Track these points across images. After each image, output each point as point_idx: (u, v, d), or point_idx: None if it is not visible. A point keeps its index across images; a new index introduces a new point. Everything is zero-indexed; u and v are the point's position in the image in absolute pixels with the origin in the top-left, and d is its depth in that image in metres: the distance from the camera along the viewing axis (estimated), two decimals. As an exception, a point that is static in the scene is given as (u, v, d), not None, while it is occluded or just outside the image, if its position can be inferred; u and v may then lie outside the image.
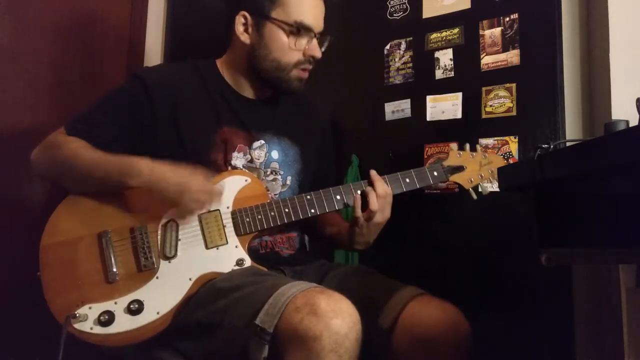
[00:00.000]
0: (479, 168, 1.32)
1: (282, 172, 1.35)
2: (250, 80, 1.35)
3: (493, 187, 1.33)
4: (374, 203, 1.22)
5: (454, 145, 1.34)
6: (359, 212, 1.23)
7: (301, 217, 1.24)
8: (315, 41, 1.29)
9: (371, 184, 1.24)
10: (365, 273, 1.32)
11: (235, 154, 1.29)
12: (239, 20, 1.29)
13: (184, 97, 1.29)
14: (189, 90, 1.31)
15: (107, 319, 1.12)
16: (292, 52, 1.28)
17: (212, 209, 1.22)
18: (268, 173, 1.33)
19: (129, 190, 1.18)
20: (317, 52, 1.30)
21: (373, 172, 1.26)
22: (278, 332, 0.95)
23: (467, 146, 1.34)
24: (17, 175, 1.71)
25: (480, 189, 1.31)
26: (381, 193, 1.23)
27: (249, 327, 0.99)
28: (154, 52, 2.25)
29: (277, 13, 1.26)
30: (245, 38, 1.29)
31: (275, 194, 1.33)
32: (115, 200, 1.21)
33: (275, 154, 1.35)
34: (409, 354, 1.12)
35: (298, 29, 1.26)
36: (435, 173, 1.30)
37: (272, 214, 1.23)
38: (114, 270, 1.16)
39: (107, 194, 1.20)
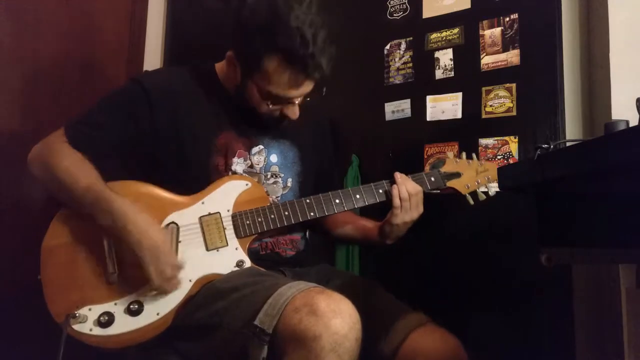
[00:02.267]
0: (475, 175, 1.34)
1: (282, 175, 1.35)
2: None
3: (490, 192, 1.35)
4: (411, 186, 1.27)
5: (450, 153, 1.38)
6: (397, 201, 1.26)
7: (300, 220, 1.24)
8: (294, 106, 1.26)
9: (397, 184, 1.27)
10: (369, 286, 1.31)
11: (235, 159, 1.29)
12: (229, 57, 1.27)
13: (184, 101, 1.29)
14: (188, 95, 1.30)
15: (106, 320, 1.12)
16: (269, 109, 1.25)
17: (212, 212, 1.22)
18: (269, 177, 1.33)
19: (128, 195, 1.18)
20: (292, 116, 1.27)
21: (398, 174, 1.29)
22: (277, 332, 0.95)
23: (464, 154, 1.38)
24: (17, 176, 1.70)
25: (477, 195, 1.33)
26: (412, 191, 1.26)
27: (248, 328, 0.99)
28: (153, 52, 2.26)
29: (258, 78, 1.21)
30: (232, 73, 1.27)
31: (277, 197, 1.33)
32: None
33: (274, 158, 1.35)
34: None
35: (275, 100, 1.23)
36: (433, 179, 1.33)
37: (272, 216, 1.23)
38: (114, 271, 1.16)
39: None
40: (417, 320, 1.18)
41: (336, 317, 0.93)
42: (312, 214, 1.25)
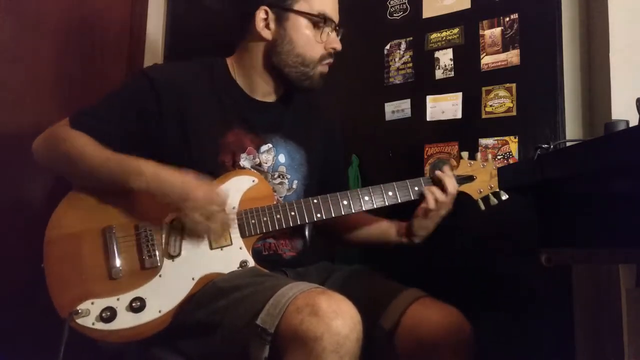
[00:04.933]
0: (489, 179, 1.29)
1: (289, 176, 1.34)
2: (264, 80, 1.33)
3: (502, 197, 1.30)
4: (452, 185, 1.24)
5: (464, 154, 1.33)
6: (432, 204, 1.24)
7: (307, 221, 1.23)
8: (335, 33, 1.31)
9: (438, 179, 1.25)
10: (368, 274, 1.32)
11: (243, 155, 1.29)
12: (260, 16, 1.27)
13: (192, 97, 1.28)
14: (197, 90, 1.29)
15: (109, 315, 1.12)
16: (316, 45, 1.28)
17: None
18: (275, 176, 1.32)
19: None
20: (338, 44, 1.31)
21: (445, 169, 1.27)
22: (279, 332, 0.95)
23: (478, 155, 1.32)
24: (18, 174, 1.71)
25: (489, 199, 1.30)
26: (451, 190, 1.24)
27: (250, 327, 0.99)
28: (153, 51, 2.25)
29: (300, 5, 1.25)
30: (266, 34, 1.28)
31: (280, 197, 1.32)
32: (121, 195, 1.19)
33: (282, 158, 1.34)
34: (411, 356, 1.12)
35: (322, 21, 1.27)
36: None
37: (278, 216, 1.22)
38: (118, 266, 1.16)
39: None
40: (415, 294, 1.18)
41: (337, 318, 0.93)
42: (318, 215, 1.23)
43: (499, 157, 1.52)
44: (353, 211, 1.25)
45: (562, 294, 1.40)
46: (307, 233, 1.42)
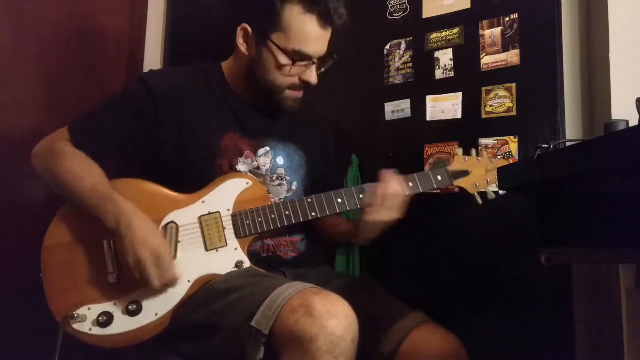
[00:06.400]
0: (484, 173, 1.30)
1: (288, 178, 1.34)
2: (250, 88, 1.32)
3: (500, 192, 1.31)
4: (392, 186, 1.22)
5: (459, 150, 1.33)
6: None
7: (302, 220, 1.23)
8: (313, 68, 1.25)
9: (380, 182, 1.24)
10: (369, 288, 1.30)
11: (241, 160, 1.29)
12: (240, 32, 1.26)
13: (189, 102, 1.28)
14: (194, 96, 1.30)
15: (105, 320, 1.12)
16: (287, 77, 1.24)
17: (212, 211, 1.22)
18: (274, 179, 1.32)
19: (129, 193, 1.18)
20: (313, 80, 1.26)
21: (387, 172, 1.25)
22: (274, 333, 0.95)
23: (474, 151, 1.33)
24: (17, 176, 1.70)
25: (486, 194, 1.31)
26: (390, 192, 1.22)
27: (245, 329, 0.99)
28: (153, 52, 2.25)
29: (277, 37, 1.21)
30: (244, 49, 1.27)
31: (279, 199, 1.32)
32: None
33: (280, 160, 1.34)
34: None
35: (297, 58, 1.22)
36: (439, 177, 1.29)
37: (273, 216, 1.22)
38: (113, 271, 1.16)
39: None
40: (416, 319, 1.17)
41: (332, 318, 0.93)
42: (313, 213, 1.24)
43: (499, 157, 1.51)
44: (348, 209, 1.25)
45: (562, 294, 1.40)
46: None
